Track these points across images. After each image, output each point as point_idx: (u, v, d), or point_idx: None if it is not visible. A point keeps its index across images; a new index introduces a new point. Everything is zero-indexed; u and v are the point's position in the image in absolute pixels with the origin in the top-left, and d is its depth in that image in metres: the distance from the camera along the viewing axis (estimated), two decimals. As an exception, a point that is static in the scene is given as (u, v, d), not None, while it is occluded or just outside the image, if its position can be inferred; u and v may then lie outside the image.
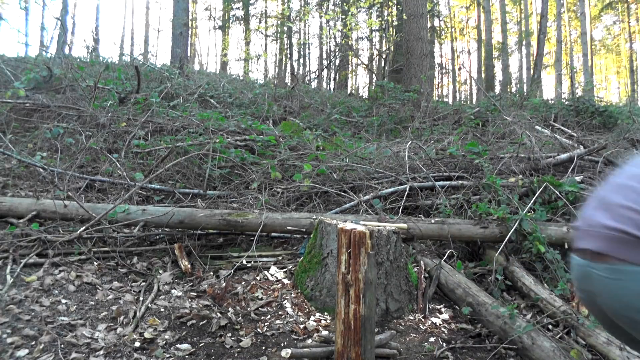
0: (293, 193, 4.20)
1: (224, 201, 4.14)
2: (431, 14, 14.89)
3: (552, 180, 3.63)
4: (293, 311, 2.67)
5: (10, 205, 3.48)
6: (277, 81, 16.28)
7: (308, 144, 5.28)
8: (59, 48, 12.38)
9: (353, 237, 1.96)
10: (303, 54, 22.09)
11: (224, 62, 23.09)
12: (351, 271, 1.95)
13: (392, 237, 2.73)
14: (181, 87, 8.12)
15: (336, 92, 15.37)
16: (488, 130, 6.26)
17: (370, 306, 1.95)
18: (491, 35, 19.73)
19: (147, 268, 3.13)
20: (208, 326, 2.43)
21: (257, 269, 3.14)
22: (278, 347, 2.30)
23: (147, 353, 2.17)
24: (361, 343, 1.94)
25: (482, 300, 2.65)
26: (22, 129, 5.73)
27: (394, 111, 8.06)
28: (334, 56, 18.83)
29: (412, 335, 2.52)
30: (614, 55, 33.21)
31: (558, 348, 2.16)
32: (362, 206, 3.78)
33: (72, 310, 2.48)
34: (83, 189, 4.22)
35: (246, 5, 19.98)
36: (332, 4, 18.14)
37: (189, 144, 4.87)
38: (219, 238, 3.64)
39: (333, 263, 2.71)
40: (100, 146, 5.04)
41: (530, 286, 2.83)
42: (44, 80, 7.20)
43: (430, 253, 3.36)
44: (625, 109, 8.41)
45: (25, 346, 2.10)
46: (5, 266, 2.82)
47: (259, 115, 7.27)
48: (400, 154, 4.81)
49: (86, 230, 3.22)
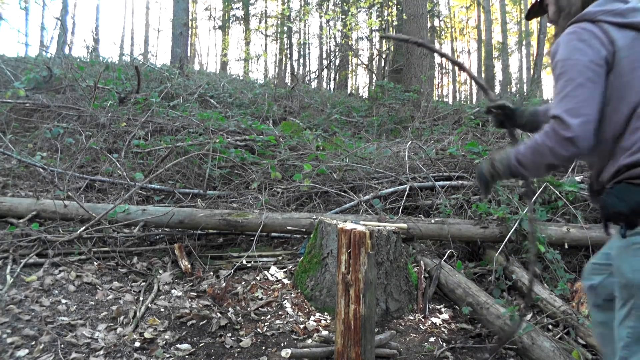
0: (293, 193, 4.20)
1: (224, 201, 4.14)
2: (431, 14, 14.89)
3: (552, 180, 3.63)
4: (293, 311, 2.67)
5: (10, 205, 3.48)
6: (277, 81, 16.29)
7: (308, 144, 5.28)
8: (59, 48, 12.39)
9: (353, 237, 1.96)
10: (303, 54, 22.09)
11: (224, 62, 23.08)
12: (351, 271, 1.95)
13: (392, 237, 2.73)
14: (181, 87, 8.13)
15: (336, 92, 15.37)
16: (488, 130, 6.26)
17: (370, 306, 1.95)
18: (491, 35, 19.73)
19: (147, 268, 3.13)
20: (208, 326, 2.43)
21: (257, 269, 3.14)
22: (278, 347, 2.30)
23: (147, 353, 2.17)
24: (361, 343, 1.94)
25: (482, 300, 2.65)
26: (22, 129, 5.73)
27: (394, 111, 8.06)
28: (334, 56, 18.83)
29: (412, 335, 2.52)
30: (614, 55, 33.12)
31: (558, 348, 2.16)
32: (362, 206, 3.78)
33: (72, 310, 2.48)
34: (83, 189, 4.23)
35: (246, 5, 19.98)
36: (332, 4, 18.13)
37: (189, 144, 4.87)
38: (219, 238, 3.64)
39: (333, 263, 2.71)
40: (100, 146, 5.04)
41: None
42: (44, 80, 7.20)
43: (430, 253, 3.36)
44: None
45: (25, 346, 2.10)
46: (5, 266, 2.82)
47: (259, 115, 7.27)
48: (400, 154, 4.81)
49: (86, 230, 3.22)
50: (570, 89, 1.34)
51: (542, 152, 1.38)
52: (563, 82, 1.36)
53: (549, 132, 1.36)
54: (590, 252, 3.15)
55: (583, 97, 1.32)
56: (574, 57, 1.36)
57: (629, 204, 1.30)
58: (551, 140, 1.35)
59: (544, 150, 1.38)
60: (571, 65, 1.35)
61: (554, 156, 1.36)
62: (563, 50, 1.39)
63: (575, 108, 1.31)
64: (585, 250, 3.22)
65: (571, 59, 1.36)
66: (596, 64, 1.33)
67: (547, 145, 1.36)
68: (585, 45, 1.35)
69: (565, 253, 3.20)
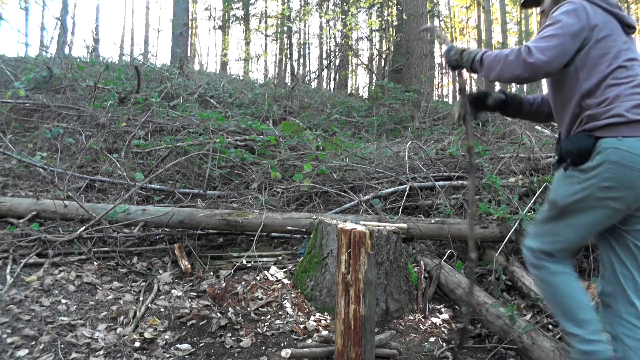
0: (293, 193, 4.20)
1: (224, 201, 4.14)
2: (431, 14, 14.87)
3: (551, 180, 3.63)
4: (293, 311, 2.67)
5: (10, 205, 3.48)
6: (277, 81, 16.28)
7: (308, 144, 5.28)
8: (59, 48, 12.39)
9: (353, 237, 1.96)
10: (303, 54, 22.08)
11: (224, 62, 23.08)
12: (351, 271, 1.95)
13: (392, 237, 2.73)
14: (181, 87, 8.12)
15: (336, 92, 15.38)
16: (488, 130, 6.27)
17: (370, 306, 1.95)
18: (491, 35, 19.72)
19: (147, 268, 3.13)
20: (208, 326, 2.43)
21: (257, 269, 3.14)
22: (278, 347, 2.30)
23: (147, 353, 2.17)
24: (361, 343, 1.94)
25: (482, 300, 2.65)
26: (22, 129, 5.73)
27: (394, 111, 8.06)
28: (334, 56, 18.82)
29: (412, 335, 2.52)
30: (614, 55, 33.15)
31: (558, 348, 2.16)
32: (362, 206, 3.78)
33: (72, 310, 2.48)
34: (83, 189, 4.23)
35: (246, 5, 19.98)
36: (332, 4, 18.13)
37: (189, 144, 4.87)
38: (219, 238, 3.64)
39: (333, 263, 2.71)
40: (100, 146, 5.04)
41: (530, 286, 2.83)
42: (44, 80, 7.20)
43: (430, 253, 3.36)
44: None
45: (25, 346, 2.10)
46: (5, 266, 2.82)
47: (259, 115, 7.27)
48: (400, 154, 4.82)
49: (86, 230, 3.22)
50: (550, 34, 1.63)
51: (502, 61, 1.68)
52: (548, 28, 1.66)
53: (515, 51, 1.66)
54: (590, 252, 3.15)
55: (556, 44, 1.61)
56: (565, 17, 1.65)
57: (577, 146, 1.63)
58: (514, 57, 1.65)
59: (504, 61, 1.67)
60: (560, 20, 1.65)
61: (507, 68, 1.67)
62: (560, 11, 1.68)
63: (546, 48, 1.60)
64: (585, 250, 3.22)
65: (562, 18, 1.65)
66: (579, 28, 1.63)
67: (509, 59, 1.66)
68: (577, 13, 1.65)
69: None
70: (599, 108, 1.60)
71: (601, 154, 1.57)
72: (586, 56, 1.64)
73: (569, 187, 1.66)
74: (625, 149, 1.53)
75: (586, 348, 1.65)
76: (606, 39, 1.63)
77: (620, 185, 1.55)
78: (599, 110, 1.60)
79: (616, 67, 1.61)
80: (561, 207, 1.69)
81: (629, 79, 1.60)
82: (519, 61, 1.61)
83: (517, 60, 1.62)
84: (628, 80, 1.59)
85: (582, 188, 1.61)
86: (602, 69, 1.62)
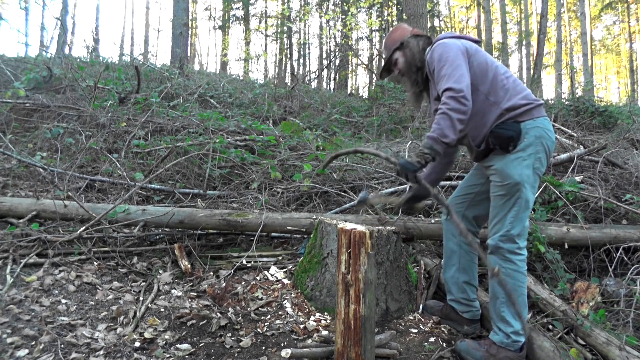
0: (293, 193, 4.20)
1: (224, 201, 4.14)
2: (431, 14, 14.88)
3: (552, 180, 3.63)
4: (293, 311, 2.67)
5: (10, 205, 3.48)
6: (277, 81, 16.28)
7: (308, 144, 5.28)
8: (59, 48, 12.40)
9: (353, 237, 1.96)
10: (303, 54, 22.09)
11: (224, 62, 23.09)
12: (351, 271, 1.95)
13: (392, 237, 2.73)
14: (181, 87, 8.12)
15: (336, 92, 15.37)
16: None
17: (370, 306, 1.95)
18: (491, 35, 19.72)
19: (147, 268, 3.13)
20: (208, 326, 2.43)
21: (257, 269, 3.14)
22: (278, 347, 2.30)
23: (147, 353, 2.17)
24: (361, 343, 1.94)
25: (482, 300, 2.65)
26: (22, 129, 5.73)
27: (394, 111, 8.06)
28: (334, 56, 18.82)
29: (412, 335, 2.52)
30: (614, 55, 33.23)
31: (558, 348, 2.16)
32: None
33: (72, 310, 2.48)
34: (83, 189, 4.23)
35: (246, 5, 19.99)
36: (332, 4, 18.14)
37: (189, 144, 4.87)
38: (219, 238, 3.64)
39: (333, 263, 2.71)
40: (100, 146, 5.04)
41: (530, 286, 2.82)
42: (44, 80, 7.21)
43: (430, 253, 3.36)
44: (625, 108, 8.39)
45: (25, 346, 2.10)
46: (5, 266, 2.82)
47: (259, 115, 7.27)
48: (400, 154, 4.81)
49: (86, 230, 3.22)
50: (451, 70, 1.98)
51: (450, 116, 1.91)
52: (445, 67, 1.99)
53: (446, 101, 1.92)
54: (590, 252, 3.15)
55: (460, 72, 1.97)
56: (448, 51, 2.02)
57: (515, 131, 2.03)
58: (452, 104, 1.91)
59: (450, 114, 1.91)
60: (448, 55, 2.01)
61: (458, 113, 1.91)
62: (438, 51, 2.05)
63: (458, 78, 1.94)
64: (585, 250, 3.22)
65: (446, 52, 2.02)
66: (462, 53, 2.03)
67: (450, 109, 1.91)
68: (452, 44, 2.06)
69: (565, 253, 3.20)
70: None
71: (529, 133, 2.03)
72: (472, 70, 2.09)
73: (519, 166, 2.04)
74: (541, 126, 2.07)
75: (519, 339, 2.15)
76: (476, 54, 2.15)
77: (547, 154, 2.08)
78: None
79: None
80: (519, 183, 2.03)
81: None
82: (457, 101, 1.93)
83: (455, 102, 1.93)
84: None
85: (528, 164, 2.03)
86: (489, 75, 2.15)
